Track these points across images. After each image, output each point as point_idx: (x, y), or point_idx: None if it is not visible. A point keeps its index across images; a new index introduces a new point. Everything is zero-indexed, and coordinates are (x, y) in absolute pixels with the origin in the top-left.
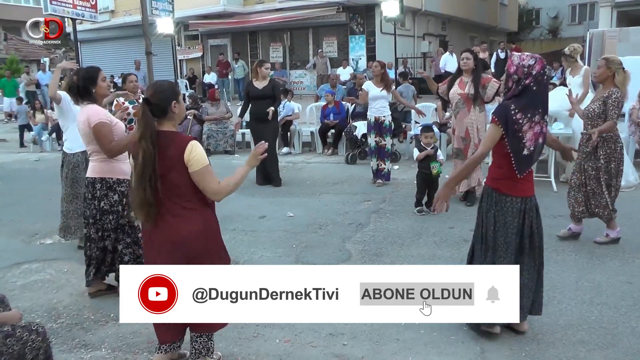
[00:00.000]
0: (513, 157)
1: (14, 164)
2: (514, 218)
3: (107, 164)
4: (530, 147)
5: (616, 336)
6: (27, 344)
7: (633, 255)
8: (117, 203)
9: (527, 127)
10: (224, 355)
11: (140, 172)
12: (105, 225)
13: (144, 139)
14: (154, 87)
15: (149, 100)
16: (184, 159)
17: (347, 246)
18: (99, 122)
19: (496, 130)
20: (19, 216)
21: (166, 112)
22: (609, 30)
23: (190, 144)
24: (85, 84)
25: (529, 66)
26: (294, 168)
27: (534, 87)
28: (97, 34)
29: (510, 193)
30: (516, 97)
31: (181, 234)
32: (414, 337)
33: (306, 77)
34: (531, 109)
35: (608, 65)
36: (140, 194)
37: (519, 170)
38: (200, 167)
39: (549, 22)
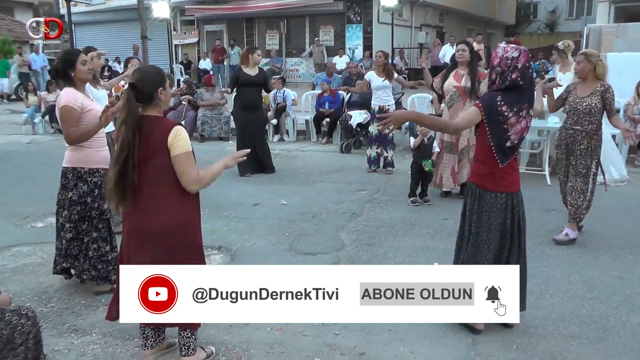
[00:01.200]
0: (494, 147)
1: (6, 145)
2: (497, 214)
3: (79, 153)
4: (515, 140)
5: (607, 330)
6: (17, 328)
7: (625, 251)
8: (86, 194)
9: (515, 121)
10: (215, 343)
11: (116, 157)
12: (71, 216)
13: (125, 124)
14: (140, 72)
15: (135, 86)
16: (168, 143)
17: (340, 235)
18: (65, 106)
19: (476, 114)
20: (10, 198)
21: (152, 98)
22: (607, 26)
23: (176, 128)
24: (64, 67)
25: (512, 58)
26: (289, 156)
27: (521, 82)
28: (91, 17)
29: (494, 189)
30: (504, 92)
31: (163, 221)
32: (405, 328)
33: (302, 65)
34: (518, 104)
35: (588, 59)
36: (112, 178)
37: (500, 160)
38: (183, 151)
39: (546, 16)
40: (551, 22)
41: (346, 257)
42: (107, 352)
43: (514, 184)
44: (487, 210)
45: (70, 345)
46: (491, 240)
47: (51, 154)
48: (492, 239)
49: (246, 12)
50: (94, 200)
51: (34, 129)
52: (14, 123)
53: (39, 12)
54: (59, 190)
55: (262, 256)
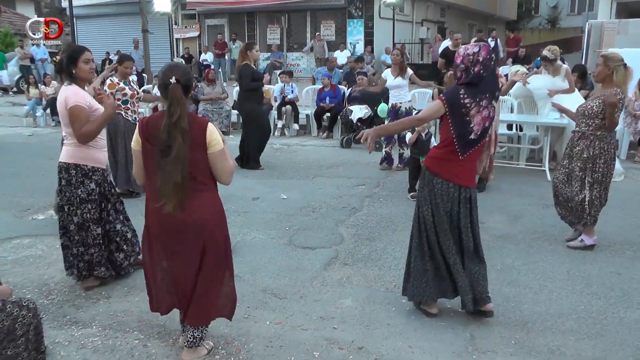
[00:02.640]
0: (456, 138)
1: (7, 137)
2: (445, 202)
3: (81, 150)
4: (477, 131)
5: (605, 326)
6: (18, 320)
7: (623, 247)
8: (95, 192)
9: (475, 112)
10: (215, 337)
11: (179, 154)
12: (84, 214)
13: (183, 120)
14: (180, 68)
15: (181, 81)
16: (206, 140)
17: (340, 230)
18: (75, 105)
19: (439, 107)
20: (11, 190)
21: (188, 94)
22: (608, 22)
23: (210, 125)
24: (67, 63)
25: (474, 54)
26: (289, 150)
27: (484, 73)
28: (93, 10)
29: (442, 175)
30: (467, 85)
31: (204, 217)
32: (404, 322)
33: (303, 59)
34: (480, 94)
35: (606, 63)
36: (177, 179)
37: (461, 151)
38: (221, 147)
39: (548, 11)
40: (553, 17)
41: (345, 252)
42: (107, 344)
43: (466, 179)
44: (437, 195)
45: (70, 337)
46: (441, 223)
47: (52, 147)
48: (442, 222)
49: (247, 7)
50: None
51: (35, 121)
52: (15, 115)
53: (40, 6)
54: (62, 186)
55: (261, 250)
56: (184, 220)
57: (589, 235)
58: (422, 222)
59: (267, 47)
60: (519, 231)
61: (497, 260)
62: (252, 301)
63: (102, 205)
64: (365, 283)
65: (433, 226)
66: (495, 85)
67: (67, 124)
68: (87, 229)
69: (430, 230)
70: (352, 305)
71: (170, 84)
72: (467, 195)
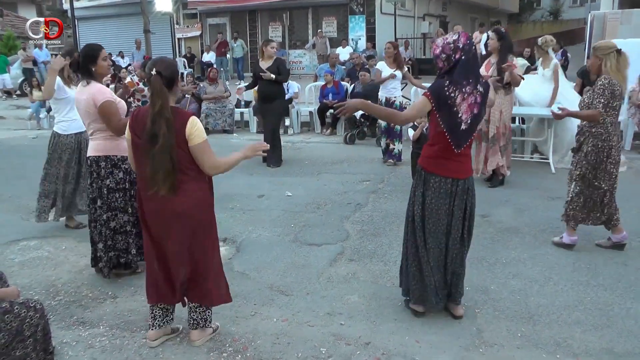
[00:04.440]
0: (448, 133)
1: (12, 140)
2: (443, 199)
3: (111, 142)
4: (467, 120)
5: (611, 317)
6: (26, 321)
7: (630, 238)
8: (123, 181)
9: (460, 100)
10: (221, 334)
11: (165, 142)
12: (112, 203)
13: (165, 109)
14: (163, 61)
15: (162, 74)
16: (186, 133)
17: (345, 226)
18: (107, 101)
19: (425, 104)
20: (17, 192)
21: (172, 86)
22: (611, 12)
23: (192, 118)
24: (85, 62)
25: (454, 41)
26: (293, 148)
27: (464, 57)
28: (94, 11)
29: (438, 173)
30: (449, 73)
31: (186, 204)
32: (411, 317)
33: (305, 56)
34: (463, 80)
35: (595, 54)
36: (167, 165)
37: (456, 145)
38: (202, 140)
39: (550, 3)
40: (555, 9)
41: (351, 248)
42: (114, 344)
43: (462, 171)
44: (431, 195)
45: (77, 337)
46: (437, 224)
47: None
48: (438, 223)
49: (249, 5)
50: (130, 186)
51: (39, 124)
52: (19, 118)
53: (42, 8)
54: (90, 182)
55: (267, 247)
56: (173, 208)
57: (569, 233)
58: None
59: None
60: (524, 224)
61: (502, 253)
62: (258, 298)
63: (131, 192)
64: (371, 278)
65: (422, 226)
66: (477, 71)
67: (94, 120)
68: (114, 217)
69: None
70: (359, 300)
71: (150, 77)
72: (465, 186)
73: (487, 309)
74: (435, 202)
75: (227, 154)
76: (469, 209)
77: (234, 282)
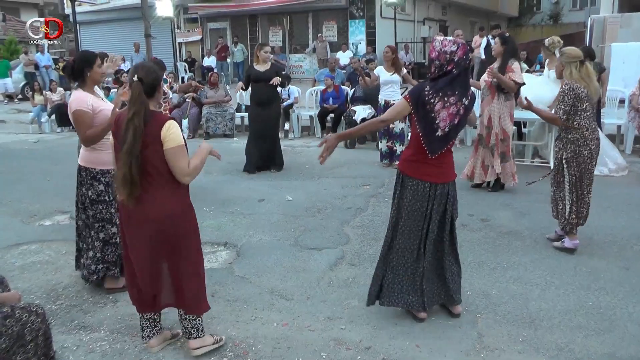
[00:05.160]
0: (423, 137)
1: (13, 144)
2: (420, 202)
3: (90, 154)
4: (445, 127)
5: (613, 322)
6: (27, 325)
7: (631, 242)
8: (104, 193)
9: (440, 107)
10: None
11: (129, 149)
12: (97, 215)
13: (137, 116)
14: (145, 67)
15: (143, 80)
16: (161, 136)
17: (345, 230)
18: (78, 110)
19: (404, 106)
20: (18, 196)
21: (154, 92)
22: (611, 16)
23: (169, 122)
24: (81, 66)
25: (451, 52)
26: (293, 152)
27: (454, 71)
28: (96, 16)
29: (415, 176)
30: (433, 79)
31: (159, 213)
32: (412, 321)
33: (305, 61)
34: (448, 90)
35: (560, 60)
36: (125, 171)
37: (430, 150)
38: (175, 145)
39: (550, 7)
40: (555, 13)
41: (351, 252)
42: (115, 348)
43: (440, 175)
44: (408, 197)
45: (78, 341)
46: (412, 228)
47: (58, 153)
48: (409, 225)
49: (249, 9)
50: (110, 198)
51: (41, 128)
52: (20, 122)
53: (44, 13)
54: (77, 187)
55: (267, 252)
56: (144, 214)
57: (571, 237)
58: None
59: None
60: (525, 227)
61: (503, 257)
62: (259, 302)
63: (114, 205)
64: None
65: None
66: (466, 85)
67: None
68: (101, 228)
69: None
70: (359, 305)
71: (132, 82)
72: (445, 191)
73: (488, 313)
74: (412, 204)
75: (228, 159)
76: (448, 213)
77: (235, 287)
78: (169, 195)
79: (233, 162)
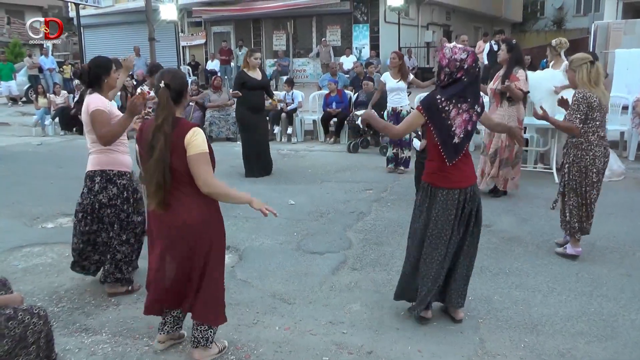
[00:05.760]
0: (441, 146)
1: (16, 147)
2: (450, 210)
3: (107, 156)
4: (460, 134)
5: (615, 328)
6: (29, 327)
7: (633, 248)
8: (116, 197)
9: (455, 114)
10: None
11: (161, 157)
12: (103, 218)
13: (167, 123)
14: (171, 73)
15: (170, 86)
16: (184, 142)
17: (348, 234)
18: (97, 109)
19: (417, 117)
20: (21, 198)
21: (180, 99)
22: (614, 22)
23: (194, 129)
24: (99, 72)
25: (461, 60)
26: (296, 156)
27: (464, 78)
28: (100, 19)
29: (445, 186)
30: (444, 87)
31: (181, 219)
32: (413, 326)
33: (309, 65)
34: (460, 98)
35: (570, 67)
36: (158, 179)
37: (448, 158)
38: (198, 151)
39: (553, 13)
40: (558, 19)
41: (354, 256)
42: (116, 351)
43: (465, 179)
44: (437, 207)
45: (80, 344)
46: (441, 236)
47: (61, 156)
48: (441, 235)
49: (253, 13)
50: (122, 202)
51: (44, 130)
52: (24, 125)
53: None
54: (81, 196)
55: (269, 256)
56: (172, 222)
57: (573, 244)
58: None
59: (273, 54)
60: (527, 233)
61: (505, 262)
62: (261, 306)
63: (125, 207)
64: (373, 287)
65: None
66: (477, 93)
67: (89, 131)
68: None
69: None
70: (361, 309)
71: (159, 89)
72: (472, 192)
73: (490, 318)
74: (442, 214)
75: (231, 162)
76: (474, 213)
77: (237, 290)
78: (196, 204)
79: (236, 165)
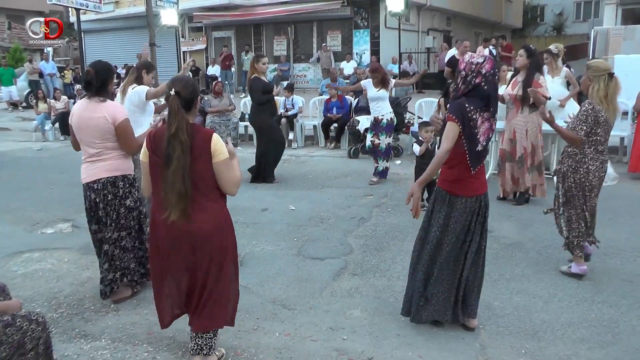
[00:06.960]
0: (469, 153)
1: (16, 152)
2: (466, 218)
3: (124, 161)
4: (483, 142)
5: (617, 335)
6: (27, 334)
7: (634, 254)
8: (138, 200)
9: (480, 122)
10: (224, 348)
11: (182, 165)
12: (128, 222)
13: (181, 131)
14: (183, 80)
15: (181, 94)
16: (211, 149)
17: (348, 240)
18: (126, 119)
19: (455, 128)
20: (21, 204)
21: (192, 106)
22: (614, 28)
23: (215, 135)
24: (105, 78)
25: (477, 64)
26: (297, 161)
27: (485, 87)
28: (100, 25)
29: (464, 194)
30: (468, 96)
31: (207, 227)
32: (414, 332)
33: (310, 70)
34: (483, 104)
35: (587, 73)
36: (179, 188)
37: (473, 165)
38: (225, 157)
39: (553, 19)
40: (558, 24)
41: (354, 262)
42: (116, 357)
43: (481, 186)
44: (455, 215)
45: (79, 350)
46: (455, 243)
47: (61, 161)
48: (454, 241)
49: (254, 18)
50: (142, 205)
51: (44, 136)
52: (24, 130)
53: None
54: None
55: (270, 261)
56: (189, 230)
57: (577, 262)
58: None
59: (274, 59)
60: (528, 239)
61: (506, 268)
62: (261, 312)
63: (140, 211)
64: (374, 293)
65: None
66: (495, 97)
67: (110, 139)
68: (126, 236)
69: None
70: (362, 315)
71: (169, 96)
72: (486, 200)
73: (490, 325)
74: (460, 222)
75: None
76: (484, 221)
77: None
78: (215, 211)
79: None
